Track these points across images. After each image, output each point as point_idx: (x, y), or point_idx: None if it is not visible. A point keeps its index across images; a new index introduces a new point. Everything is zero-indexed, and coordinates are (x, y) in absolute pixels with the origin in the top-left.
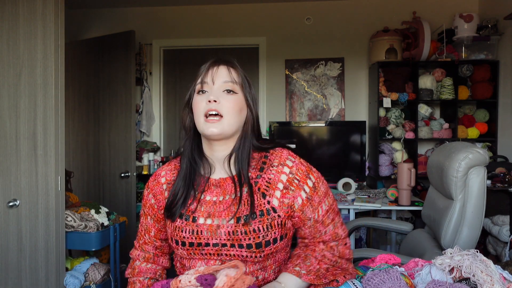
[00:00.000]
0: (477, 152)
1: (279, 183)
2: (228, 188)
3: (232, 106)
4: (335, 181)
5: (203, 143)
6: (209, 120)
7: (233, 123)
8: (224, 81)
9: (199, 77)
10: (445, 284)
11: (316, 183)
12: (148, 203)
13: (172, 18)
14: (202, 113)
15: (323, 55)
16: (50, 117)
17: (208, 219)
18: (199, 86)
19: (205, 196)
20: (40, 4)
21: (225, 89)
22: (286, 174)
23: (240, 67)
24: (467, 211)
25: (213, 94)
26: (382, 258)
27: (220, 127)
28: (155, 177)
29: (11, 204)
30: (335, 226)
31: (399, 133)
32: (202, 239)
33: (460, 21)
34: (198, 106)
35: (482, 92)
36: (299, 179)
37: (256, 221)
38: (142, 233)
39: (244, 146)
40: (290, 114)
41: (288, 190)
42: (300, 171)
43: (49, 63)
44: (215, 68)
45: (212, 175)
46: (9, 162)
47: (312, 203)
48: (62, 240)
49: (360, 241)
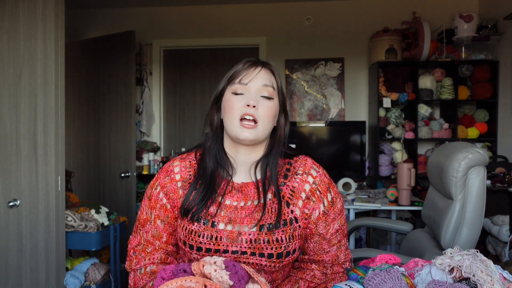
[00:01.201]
0: (477, 152)
1: (302, 193)
2: (250, 194)
3: (268, 113)
4: (335, 181)
5: (227, 144)
6: (244, 124)
7: (267, 129)
8: (263, 85)
9: (237, 76)
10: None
11: (335, 198)
12: (159, 203)
13: (172, 18)
14: (237, 115)
15: (323, 55)
16: (50, 117)
17: (229, 225)
18: (237, 86)
19: (224, 200)
20: (40, 4)
21: (264, 94)
22: (310, 183)
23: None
24: (467, 211)
25: (252, 98)
26: (382, 258)
27: (254, 133)
28: (167, 173)
29: (11, 204)
30: (338, 249)
31: (399, 133)
32: (221, 245)
33: (460, 21)
34: (233, 107)
35: (482, 92)
36: (321, 191)
37: (280, 231)
38: (150, 240)
39: (275, 153)
40: (290, 114)
41: (310, 200)
42: (323, 183)
43: (49, 63)
44: (254, 69)
45: (234, 178)
46: (9, 162)
47: (327, 219)
48: (62, 240)
49: (360, 241)
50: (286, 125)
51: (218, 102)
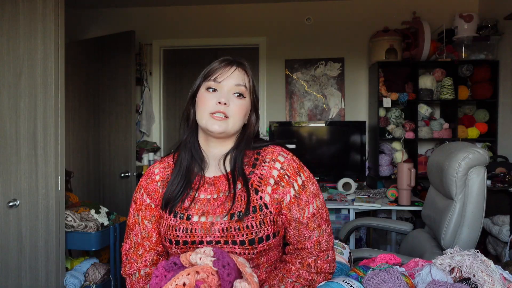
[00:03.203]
0: (477, 152)
1: (271, 179)
2: (222, 186)
3: (239, 110)
4: (335, 181)
5: (201, 138)
6: (214, 116)
7: (237, 125)
8: (236, 84)
9: (212, 74)
10: (446, 284)
11: (306, 181)
12: (144, 204)
13: (172, 18)
14: (208, 111)
15: (323, 55)
16: (50, 117)
17: (202, 217)
18: (211, 83)
19: (199, 194)
20: (40, 4)
21: (236, 92)
22: (278, 169)
23: (250, 69)
24: (467, 211)
25: (224, 96)
26: (383, 258)
27: (224, 126)
28: (148, 175)
29: (11, 204)
30: (320, 234)
31: (399, 133)
32: (196, 237)
33: (460, 21)
34: (206, 103)
35: (482, 92)
36: (289, 175)
37: (249, 218)
38: (140, 241)
39: (243, 147)
40: (290, 114)
41: (279, 185)
42: (291, 167)
43: (49, 63)
44: (229, 68)
45: (206, 173)
46: (9, 162)
47: (300, 202)
48: (62, 240)
49: (360, 241)
50: (256, 123)
51: (194, 98)
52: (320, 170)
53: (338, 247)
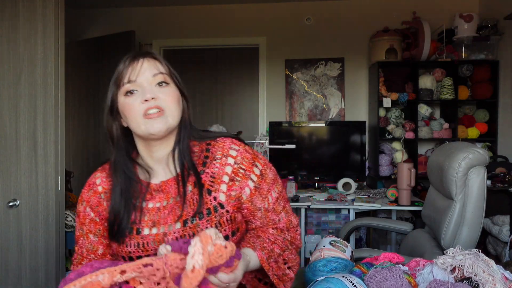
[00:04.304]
0: (477, 152)
1: (224, 176)
2: (171, 191)
3: (170, 99)
4: (335, 181)
5: (140, 146)
6: (149, 116)
7: (176, 115)
8: (153, 75)
9: (123, 77)
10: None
11: (264, 170)
12: (87, 218)
13: (172, 18)
14: (140, 114)
15: (323, 55)
16: (50, 117)
17: (153, 228)
18: (127, 86)
19: (147, 204)
20: (40, 4)
21: (157, 82)
22: (231, 165)
23: (159, 55)
24: (467, 211)
25: (147, 91)
26: (386, 257)
27: (164, 121)
28: (89, 187)
29: (11, 204)
30: (287, 214)
31: (399, 133)
32: (149, 251)
33: (460, 21)
34: (132, 108)
35: (482, 92)
36: (245, 168)
37: (204, 221)
38: (85, 255)
39: (184, 136)
40: (290, 114)
41: (234, 181)
42: (246, 160)
43: (49, 63)
44: (136, 63)
45: (152, 179)
46: (9, 162)
47: (261, 192)
48: (62, 240)
49: (360, 241)
50: (188, 108)
51: (112, 112)
52: (320, 170)
53: (341, 245)
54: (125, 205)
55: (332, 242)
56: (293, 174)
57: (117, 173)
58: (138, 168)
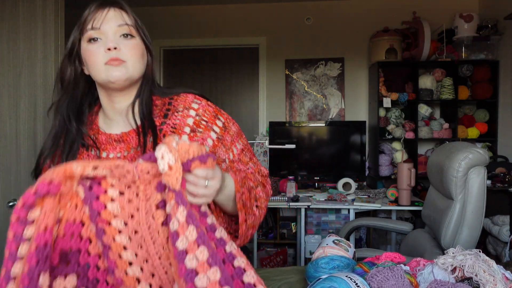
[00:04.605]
0: (477, 152)
1: (186, 127)
2: (132, 142)
3: (134, 51)
4: (335, 181)
5: (102, 96)
6: (111, 63)
7: (137, 68)
8: (118, 25)
9: (88, 23)
10: (448, 283)
11: (226, 123)
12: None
13: (172, 18)
14: (102, 62)
15: (323, 55)
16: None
17: None
18: (90, 33)
19: (108, 154)
20: (40, 4)
21: (122, 33)
22: (193, 116)
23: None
24: (467, 211)
25: (111, 40)
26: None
27: (124, 71)
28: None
29: (11, 204)
30: (256, 164)
31: (399, 133)
32: None
33: (460, 21)
34: (93, 56)
35: (482, 92)
36: (206, 120)
37: None
38: None
39: (145, 90)
40: (290, 114)
41: (196, 132)
42: (208, 112)
43: (49, 63)
44: (102, 11)
45: (113, 130)
46: (9, 162)
47: (224, 143)
48: None
49: (360, 241)
50: (152, 63)
51: (71, 56)
52: (320, 170)
53: (344, 244)
54: (54, 150)
55: (336, 241)
56: (293, 174)
57: (56, 116)
58: (100, 118)
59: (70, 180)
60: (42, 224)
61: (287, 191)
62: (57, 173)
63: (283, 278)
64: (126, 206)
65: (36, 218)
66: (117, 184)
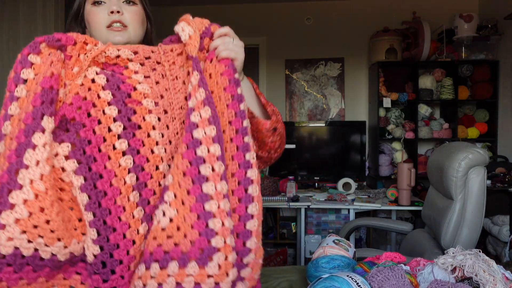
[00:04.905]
0: (477, 152)
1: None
2: None
3: (135, 17)
4: (335, 181)
5: None
6: (112, 28)
7: (138, 34)
8: None
9: None
10: (448, 283)
11: None
12: None
13: (172, 18)
14: (103, 25)
15: (323, 55)
16: None
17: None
18: None
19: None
20: (40, 4)
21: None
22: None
23: None
24: (467, 211)
25: (115, 4)
26: (388, 256)
27: (126, 36)
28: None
29: None
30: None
31: (399, 133)
32: None
33: (460, 21)
34: (96, 17)
35: (482, 92)
36: None
37: None
38: None
39: None
40: (290, 114)
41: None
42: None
43: None
44: None
45: None
46: None
47: None
48: None
49: (360, 241)
50: (152, 31)
51: (77, 18)
52: (320, 170)
53: (344, 244)
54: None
55: (336, 240)
56: (293, 174)
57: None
58: None
59: (82, 50)
60: (48, 70)
61: (287, 191)
62: (76, 36)
63: (283, 276)
64: (155, 87)
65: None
66: (140, 70)
